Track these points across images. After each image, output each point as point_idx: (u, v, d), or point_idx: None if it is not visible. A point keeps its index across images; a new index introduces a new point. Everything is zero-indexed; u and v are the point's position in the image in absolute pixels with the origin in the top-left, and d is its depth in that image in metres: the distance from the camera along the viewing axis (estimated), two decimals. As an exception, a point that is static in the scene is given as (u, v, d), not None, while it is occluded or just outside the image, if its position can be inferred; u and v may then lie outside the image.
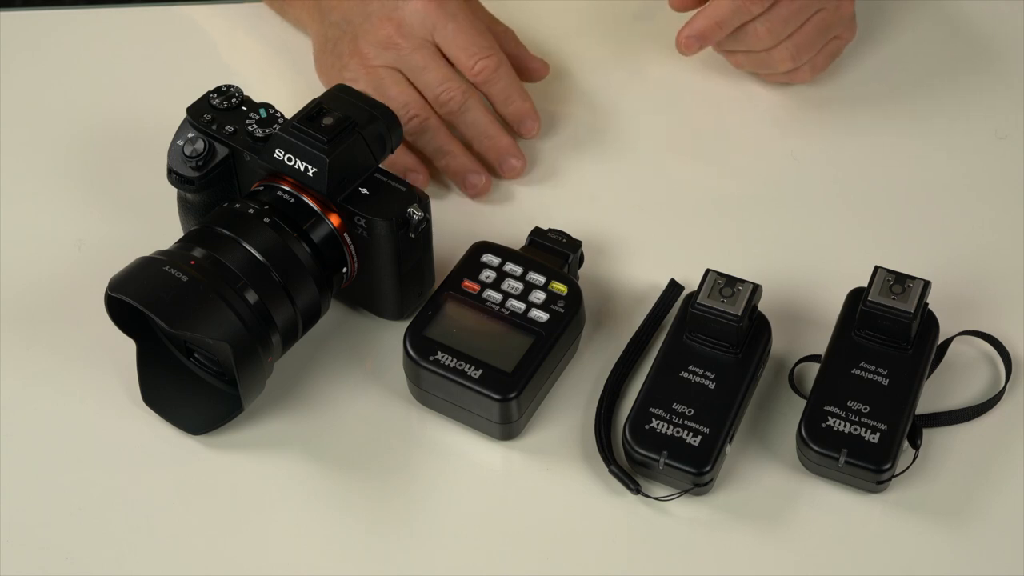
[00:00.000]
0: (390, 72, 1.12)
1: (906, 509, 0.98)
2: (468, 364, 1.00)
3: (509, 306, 1.02)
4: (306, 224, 1.02)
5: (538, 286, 1.03)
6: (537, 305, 1.02)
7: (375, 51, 1.12)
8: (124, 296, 0.97)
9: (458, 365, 1.00)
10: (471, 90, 1.12)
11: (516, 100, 1.14)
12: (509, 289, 1.03)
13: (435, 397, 1.02)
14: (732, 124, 1.20)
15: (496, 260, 1.05)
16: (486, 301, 1.03)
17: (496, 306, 1.03)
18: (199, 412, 1.02)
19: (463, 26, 1.12)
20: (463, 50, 1.12)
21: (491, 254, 1.05)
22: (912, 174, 1.16)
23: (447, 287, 1.04)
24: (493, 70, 1.12)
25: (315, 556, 0.97)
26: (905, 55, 1.24)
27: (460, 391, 1.00)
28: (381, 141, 1.03)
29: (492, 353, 1.00)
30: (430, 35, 1.12)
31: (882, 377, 1.00)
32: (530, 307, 1.02)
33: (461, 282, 1.04)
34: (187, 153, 1.04)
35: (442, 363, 1.00)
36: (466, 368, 1.00)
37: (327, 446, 1.02)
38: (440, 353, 1.00)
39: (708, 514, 0.99)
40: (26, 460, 1.01)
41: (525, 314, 1.02)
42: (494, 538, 0.99)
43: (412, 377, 1.02)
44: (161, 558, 0.97)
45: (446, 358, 1.00)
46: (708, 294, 1.01)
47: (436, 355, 1.00)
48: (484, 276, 1.04)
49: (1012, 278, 1.09)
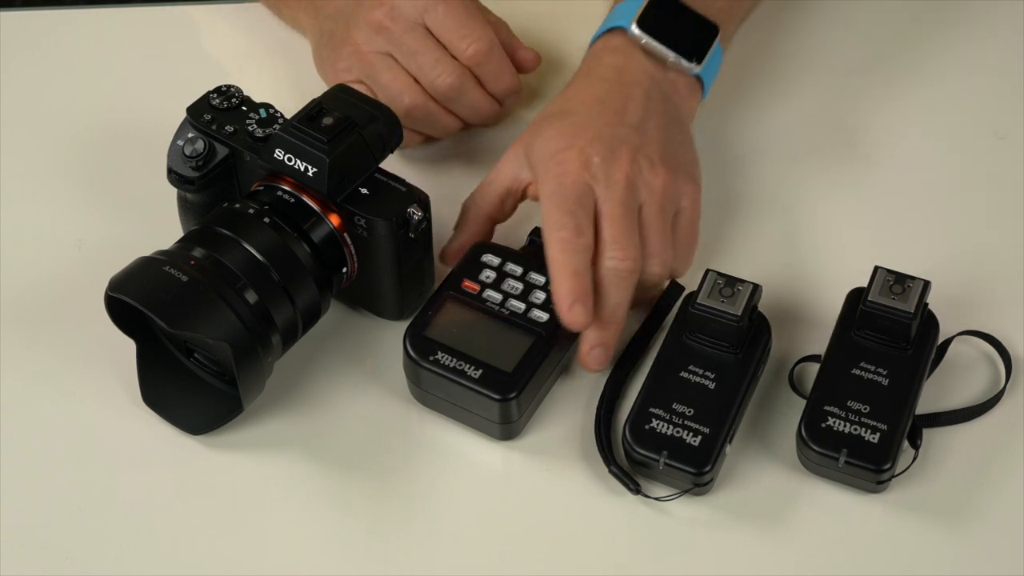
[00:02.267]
0: (382, 58, 1.12)
1: (906, 509, 0.98)
2: (468, 364, 1.00)
3: (509, 306, 1.02)
4: (306, 224, 1.02)
5: (538, 286, 1.03)
6: (537, 305, 1.02)
7: (367, 36, 1.12)
8: (124, 296, 0.97)
9: (458, 365, 1.00)
10: (465, 72, 1.12)
11: (505, 79, 1.14)
12: (509, 289, 1.03)
13: (435, 397, 1.02)
14: (732, 124, 1.19)
15: (496, 260, 1.04)
16: (486, 301, 1.03)
17: (496, 306, 1.02)
18: (199, 412, 1.02)
19: (454, 8, 1.11)
20: (455, 32, 1.11)
21: (491, 254, 1.05)
22: (912, 174, 1.16)
23: (447, 287, 1.03)
24: (485, 52, 1.12)
25: (315, 556, 0.97)
26: (905, 55, 1.24)
27: (460, 391, 1.00)
28: (381, 141, 1.03)
29: (492, 353, 1.00)
30: (420, 18, 1.12)
31: (882, 377, 1.00)
32: (530, 307, 1.02)
33: (461, 282, 1.03)
34: (187, 153, 1.04)
35: (442, 363, 1.00)
36: (466, 368, 1.00)
37: (327, 446, 1.02)
38: (440, 353, 1.00)
39: (708, 514, 0.99)
40: (26, 460, 1.01)
41: (525, 314, 1.02)
42: (494, 538, 0.98)
43: (412, 377, 1.02)
44: (161, 558, 0.97)
45: (446, 358, 1.00)
46: (708, 294, 1.01)
47: (436, 355, 1.00)
48: (484, 276, 1.04)
49: (1012, 278, 1.09)
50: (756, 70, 1.23)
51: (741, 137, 1.19)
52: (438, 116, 1.13)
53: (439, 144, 1.17)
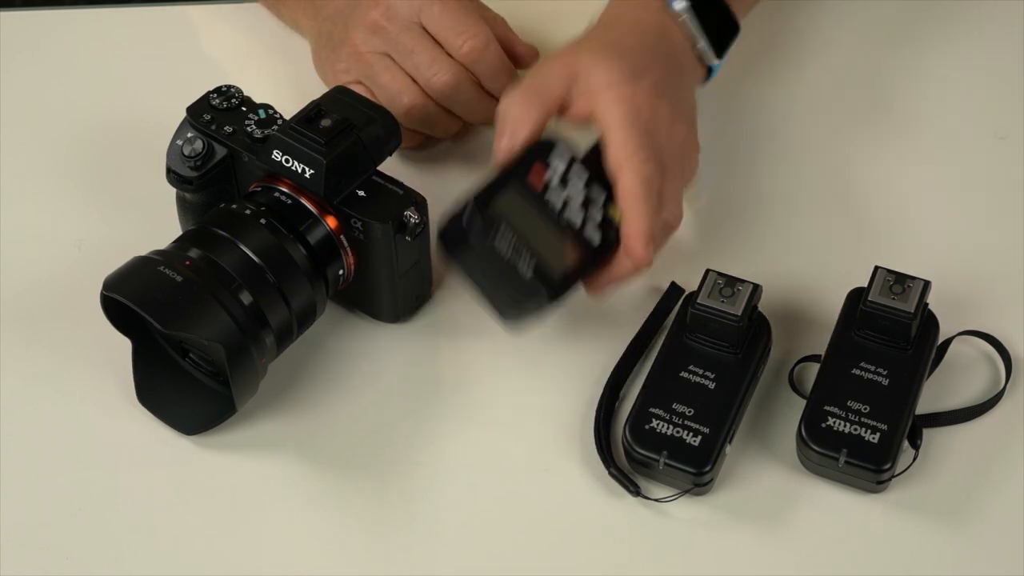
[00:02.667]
0: (379, 58, 1.12)
1: (906, 509, 0.98)
2: (526, 252, 1.00)
3: (568, 216, 1.01)
4: (303, 226, 1.02)
5: (599, 203, 1.02)
6: (596, 222, 1.02)
7: (364, 37, 1.12)
8: (118, 296, 0.97)
9: (517, 248, 0.99)
10: (461, 70, 1.12)
11: (503, 76, 1.13)
12: (573, 194, 1.02)
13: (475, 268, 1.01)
14: (731, 125, 1.19)
15: (566, 158, 1.03)
16: (548, 204, 1.01)
17: (557, 211, 1.01)
18: (193, 412, 1.02)
19: (449, 6, 1.11)
20: (450, 29, 1.11)
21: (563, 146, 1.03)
22: (912, 174, 1.16)
23: (518, 170, 1.02)
24: (481, 50, 1.11)
25: (310, 556, 0.97)
26: (904, 55, 1.24)
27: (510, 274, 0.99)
28: (379, 143, 1.03)
29: (543, 254, 1.00)
30: (416, 17, 1.11)
31: (882, 377, 1.00)
32: (587, 222, 1.02)
33: (532, 166, 1.02)
34: (186, 153, 1.04)
35: (503, 236, 1.00)
36: (522, 254, 0.99)
37: (321, 447, 1.02)
38: (504, 227, 1.00)
39: (708, 514, 0.99)
40: (26, 460, 1.01)
41: (581, 230, 1.01)
42: (492, 540, 0.98)
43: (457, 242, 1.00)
44: (160, 558, 0.97)
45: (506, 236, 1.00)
46: (708, 294, 1.01)
47: (500, 227, 1.00)
48: (552, 170, 1.02)
49: (1012, 278, 1.09)
50: (756, 70, 1.23)
51: (740, 137, 1.19)
52: (437, 116, 1.13)
53: (438, 147, 1.17)
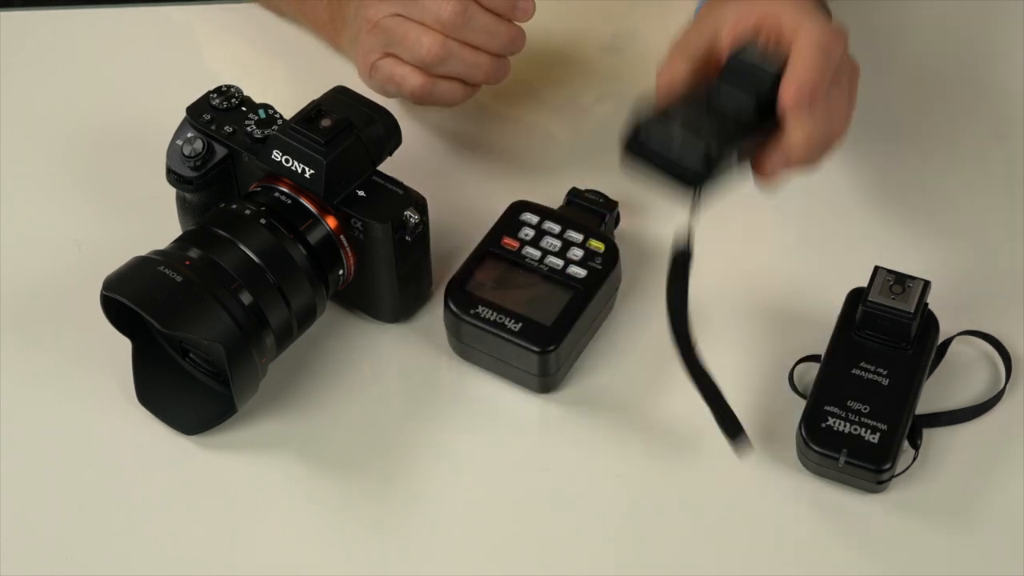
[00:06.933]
0: (391, 19, 1.11)
1: (906, 509, 0.98)
2: (508, 318, 1.02)
3: (548, 263, 1.04)
4: (303, 226, 1.02)
5: (576, 243, 1.05)
6: (575, 262, 1.04)
7: (376, 9, 1.12)
8: (118, 296, 0.97)
9: (498, 318, 1.02)
10: (469, 1, 1.12)
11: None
12: (548, 246, 1.05)
13: (475, 350, 1.04)
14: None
15: (535, 219, 1.07)
16: (525, 258, 1.05)
17: (535, 262, 1.05)
18: (193, 412, 1.02)
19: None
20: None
21: (530, 212, 1.07)
22: (912, 174, 1.16)
23: (487, 244, 1.06)
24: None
25: (311, 556, 0.97)
26: (904, 55, 1.24)
27: (500, 344, 1.02)
28: (379, 143, 1.03)
29: (531, 308, 1.02)
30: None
31: (882, 377, 1.00)
32: (568, 263, 1.04)
33: (501, 239, 1.06)
34: (186, 153, 1.04)
35: (483, 316, 1.02)
36: (506, 321, 1.02)
37: (322, 447, 1.02)
38: (480, 307, 1.02)
39: (708, 514, 0.99)
40: (26, 460, 1.01)
41: (563, 270, 1.04)
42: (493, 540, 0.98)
43: (453, 331, 1.04)
44: (161, 558, 0.97)
45: (486, 311, 1.02)
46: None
47: (477, 308, 1.02)
48: (523, 234, 1.06)
49: (1012, 278, 1.09)
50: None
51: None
52: (461, 52, 1.11)
53: (437, 147, 1.17)
